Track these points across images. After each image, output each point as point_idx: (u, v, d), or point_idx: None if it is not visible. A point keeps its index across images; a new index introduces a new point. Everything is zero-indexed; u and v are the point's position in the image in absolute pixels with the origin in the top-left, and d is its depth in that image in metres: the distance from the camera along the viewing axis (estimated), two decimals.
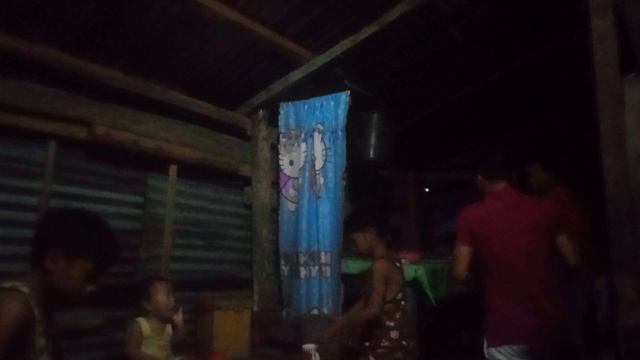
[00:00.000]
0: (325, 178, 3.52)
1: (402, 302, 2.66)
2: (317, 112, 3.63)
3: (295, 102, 3.74)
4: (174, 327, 2.59)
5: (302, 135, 3.67)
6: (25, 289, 1.37)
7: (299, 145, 3.69)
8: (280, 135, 3.79)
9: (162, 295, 2.54)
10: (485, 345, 2.22)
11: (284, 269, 3.63)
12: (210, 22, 2.88)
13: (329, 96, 3.58)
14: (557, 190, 3.39)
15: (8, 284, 1.37)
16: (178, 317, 2.59)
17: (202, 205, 3.57)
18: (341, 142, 3.50)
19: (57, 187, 2.74)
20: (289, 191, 3.74)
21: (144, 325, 2.49)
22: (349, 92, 3.53)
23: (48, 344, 1.40)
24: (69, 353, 2.55)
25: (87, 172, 2.91)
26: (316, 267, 3.41)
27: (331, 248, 3.42)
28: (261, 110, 3.82)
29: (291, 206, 3.70)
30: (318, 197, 3.51)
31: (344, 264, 3.44)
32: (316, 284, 3.46)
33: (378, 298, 2.48)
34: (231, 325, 3.22)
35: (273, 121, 3.85)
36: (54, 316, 1.58)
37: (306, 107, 3.69)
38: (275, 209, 3.80)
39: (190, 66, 3.24)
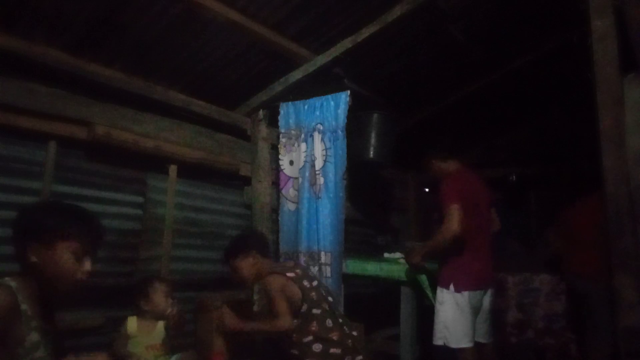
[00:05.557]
0: (325, 178, 3.51)
1: (313, 311, 2.55)
2: (317, 112, 3.62)
3: (295, 102, 3.74)
4: (167, 319, 2.58)
5: (302, 135, 3.67)
6: (12, 284, 1.37)
7: (299, 145, 3.69)
8: (280, 135, 3.79)
9: (160, 297, 2.54)
10: (451, 289, 2.76)
11: None
12: (210, 22, 2.89)
13: (329, 96, 3.58)
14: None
15: None
16: (172, 311, 2.57)
17: (202, 205, 3.56)
18: (341, 142, 3.50)
19: (57, 187, 2.74)
20: (289, 191, 3.74)
21: (132, 324, 2.50)
22: (349, 92, 3.53)
23: (45, 340, 1.40)
24: (69, 354, 2.55)
25: (87, 172, 2.90)
26: (316, 267, 3.40)
27: (331, 248, 3.42)
28: (261, 110, 3.82)
29: (291, 206, 3.70)
30: (318, 197, 3.51)
31: (344, 264, 3.44)
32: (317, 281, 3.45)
33: (285, 310, 2.45)
34: None
35: (273, 121, 3.85)
36: (54, 314, 1.58)
37: (306, 107, 3.68)
38: (275, 209, 3.80)
39: (190, 66, 3.24)
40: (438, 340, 2.82)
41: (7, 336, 1.30)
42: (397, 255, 3.70)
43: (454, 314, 2.78)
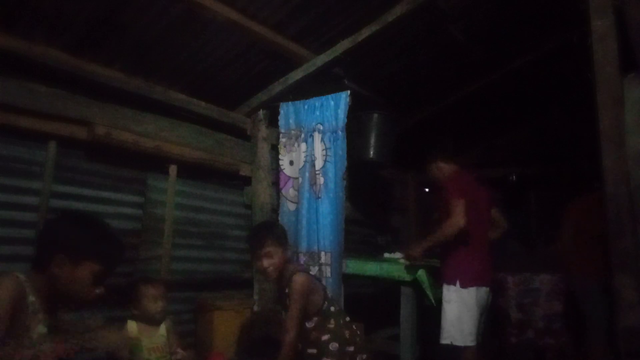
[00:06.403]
0: (325, 178, 3.51)
1: (331, 308, 2.52)
2: (317, 112, 3.62)
3: (295, 102, 3.74)
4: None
5: (302, 135, 3.67)
6: (22, 277, 1.39)
7: (299, 145, 3.69)
8: (280, 135, 3.79)
9: (147, 300, 2.50)
10: (457, 285, 2.81)
11: None
12: (210, 22, 2.89)
13: (329, 96, 3.58)
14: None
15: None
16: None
17: (202, 205, 3.56)
18: (341, 142, 3.50)
19: (57, 187, 2.74)
20: (289, 191, 3.73)
21: (132, 327, 2.48)
22: (349, 92, 3.53)
23: (51, 334, 1.41)
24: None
25: (87, 172, 2.91)
26: (316, 267, 3.40)
27: (331, 248, 3.41)
28: (261, 110, 3.82)
29: (291, 206, 3.70)
30: (318, 197, 3.51)
31: (344, 264, 3.44)
32: None
33: (294, 319, 2.34)
34: (231, 325, 3.22)
35: (273, 121, 3.85)
36: (59, 313, 1.59)
37: (306, 107, 3.68)
38: (275, 209, 3.80)
39: (190, 66, 3.24)
40: (445, 340, 2.81)
41: (14, 325, 1.31)
42: (397, 255, 3.70)
43: (460, 312, 2.79)
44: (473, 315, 2.80)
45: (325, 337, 2.46)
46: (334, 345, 2.45)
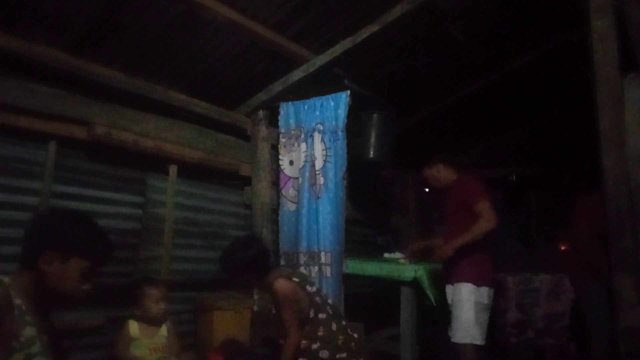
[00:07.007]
0: (325, 178, 3.52)
1: (320, 316, 2.52)
2: (317, 112, 3.62)
3: (295, 102, 3.74)
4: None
5: (302, 135, 3.67)
6: (6, 279, 1.37)
7: (299, 145, 3.69)
8: (280, 135, 3.79)
9: (149, 301, 2.52)
10: (477, 284, 2.85)
11: None
12: (210, 22, 2.89)
13: (329, 96, 3.58)
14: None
15: None
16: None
17: (202, 205, 3.57)
18: (341, 142, 3.50)
19: (57, 187, 2.74)
20: (289, 191, 3.73)
21: (133, 327, 2.49)
22: (349, 92, 3.53)
23: (42, 337, 1.40)
24: (68, 353, 2.55)
25: (87, 172, 2.91)
26: (316, 267, 3.41)
27: (331, 248, 3.41)
28: (261, 110, 3.82)
29: (291, 206, 3.70)
30: (318, 197, 3.51)
31: (344, 264, 3.44)
32: (316, 284, 3.45)
33: (293, 322, 2.37)
34: (231, 325, 3.22)
35: (273, 121, 3.85)
36: (52, 313, 1.58)
37: (306, 107, 3.68)
38: (275, 209, 3.80)
39: (190, 66, 3.24)
40: (464, 339, 2.80)
41: (1, 330, 1.30)
42: (397, 255, 3.70)
43: (477, 311, 2.82)
44: (486, 314, 2.87)
45: (315, 346, 2.46)
46: (324, 353, 2.45)
